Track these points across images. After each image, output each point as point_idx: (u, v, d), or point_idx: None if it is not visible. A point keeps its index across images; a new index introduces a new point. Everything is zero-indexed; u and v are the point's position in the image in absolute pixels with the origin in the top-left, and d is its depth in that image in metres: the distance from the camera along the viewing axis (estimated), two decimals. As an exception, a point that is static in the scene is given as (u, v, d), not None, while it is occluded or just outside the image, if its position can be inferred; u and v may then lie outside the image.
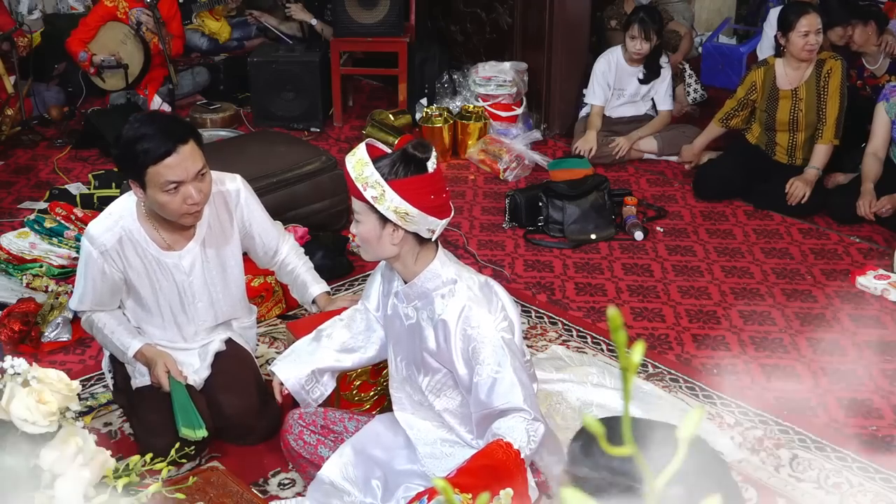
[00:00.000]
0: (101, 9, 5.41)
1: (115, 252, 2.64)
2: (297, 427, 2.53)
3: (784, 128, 4.52)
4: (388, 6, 5.34)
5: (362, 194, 2.15)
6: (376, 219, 2.19)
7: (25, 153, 5.17)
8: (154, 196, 2.51)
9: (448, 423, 2.38)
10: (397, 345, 2.41)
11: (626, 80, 5.08)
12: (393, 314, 2.39)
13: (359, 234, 2.24)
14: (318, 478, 2.43)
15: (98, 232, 2.64)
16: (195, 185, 2.51)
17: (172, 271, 2.71)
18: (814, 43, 4.34)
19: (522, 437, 2.15)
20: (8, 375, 1.63)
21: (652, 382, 3.13)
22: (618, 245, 4.18)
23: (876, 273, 3.81)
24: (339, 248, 3.96)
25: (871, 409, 3.05)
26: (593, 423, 0.68)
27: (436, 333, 2.26)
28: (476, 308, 2.20)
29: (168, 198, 2.50)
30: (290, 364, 2.56)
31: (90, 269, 2.66)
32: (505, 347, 2.19)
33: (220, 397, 2.78)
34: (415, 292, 2.29)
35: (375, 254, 2.27)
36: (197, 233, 2.71)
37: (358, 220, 2.23)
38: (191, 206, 2.53)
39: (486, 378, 2.19)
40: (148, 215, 2.65)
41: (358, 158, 2.16)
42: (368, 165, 2.14)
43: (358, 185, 2.15)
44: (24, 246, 3.84)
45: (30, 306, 3.41)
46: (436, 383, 2.33)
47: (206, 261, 2.75)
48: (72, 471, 1.62)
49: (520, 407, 2.17)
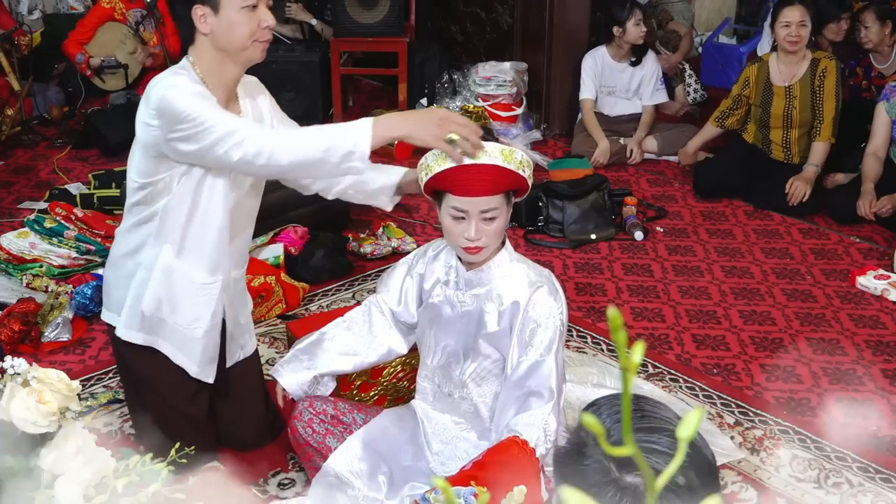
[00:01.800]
0: (99, 10, 5.41)
1: None
2: (306, 414, 2.51)
3: (778, 123, 4.53)
4: (388, 6, 5.34)
5: (522, 178, 2.20)
6: (507, 204, 2.25)
7: (25, 153, 5.17)
8: (227, 15, 2.28)
9: (478, 414, 2.41)
10: (442, 331, 2.41)
11: (614, 76, 5.11)
12: (441, 301, 2.41)
13: (494, 230, 2.23)
14: (324, 469, 2.43)
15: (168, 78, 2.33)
16: (268, 12, 2.34)
17: None
18: (795, 35, 4.35)
19: (539, 436, 2.20)
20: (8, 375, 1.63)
21: (652, 382, 3.13)
22: (618, 245, 4.18)
23: (876, 273, 3.81)
24: (339, 248, 3.96)
25: (871, 409, 3.05)
26: (593, 423, 0.68)
27: (500, 317, 2.31)
28: (545, 293, 2.28)
29: (243, 17, 2.29)
30: (291, 370, 2.56)
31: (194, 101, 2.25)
32: (557, 336, 2.27)
33: (232, 430, 2.75)
34: (479, 279, 2.34)
35: (494, 247, 2.29)
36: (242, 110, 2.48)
37: (494, 217, 2.21)
38: (263, 32, 2.32)
39: (531, 359, 2.26)
40: (206, 73, 2.37)
41: (500, 150, 2.17)
42: (514, 150, 2.20)
43: (519, 171, 2.18)
44: (24, 246, 3.83)
45: (30, 306, 3.40)
46: (482, 370, 2.37)
47: None
48: (72, 471, 1.62)
49: (550, 390, 2.25)
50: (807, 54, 4.47)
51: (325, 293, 3.75)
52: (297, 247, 3.81)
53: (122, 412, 2.97)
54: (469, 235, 2.21)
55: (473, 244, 2.23)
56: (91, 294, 3.51)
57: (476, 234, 2.21)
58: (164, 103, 2.26)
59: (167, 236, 2.44)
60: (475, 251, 2.24)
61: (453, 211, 2.22)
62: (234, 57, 2.36)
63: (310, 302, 3.69)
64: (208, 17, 2.30)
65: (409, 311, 2.53)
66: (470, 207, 2.19)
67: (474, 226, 2.20)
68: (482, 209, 2.19)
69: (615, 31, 5.01)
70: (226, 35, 2.31)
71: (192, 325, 2.52)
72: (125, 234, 2.54)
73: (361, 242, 4.04)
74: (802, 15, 4.34)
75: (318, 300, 3.70)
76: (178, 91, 2.26)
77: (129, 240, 2.52)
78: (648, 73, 5.11)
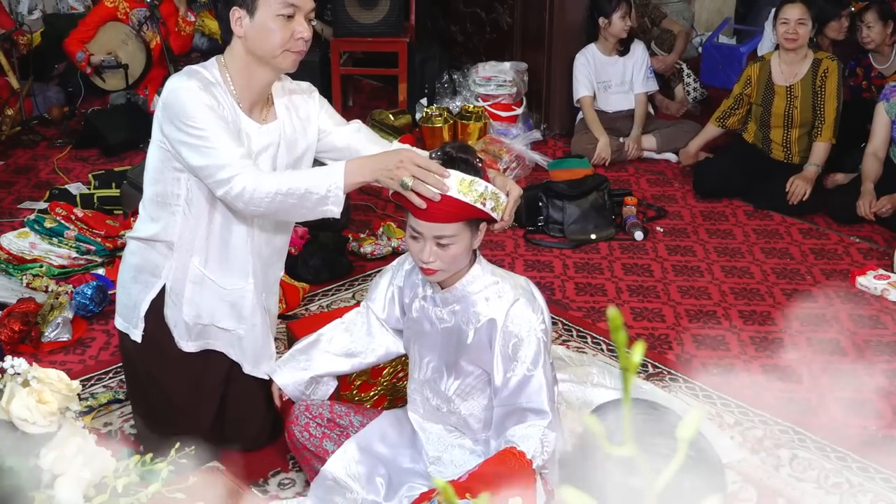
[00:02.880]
0: (101, 9, 5.40)
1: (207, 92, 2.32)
2: (303, 418, 2.51)
3: (779, 123, 4.54)
4: (388, 6, 5.34)
5: (481, 211, 2.13)
6: (470, 232, 2.19)
7: (25, 153, 5.17)
8: (263, 21, 2.29)
9: (468, 426, 2.39)
10: (425, 347, 2.40)
11: (608, 70, 5.12)
12: (420, 317, 2.39)
13: (449, 256, 2.19)
14: (322, 473, 2.43)
15: (180, 80, 2.33)
16: (305, 24, 2.33)
17: (246, 142, 2.39)
18: (793, 33, 4.37)
19: (536, 447, 2.18)
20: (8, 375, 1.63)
21: (652, 382, 3.13)
22: (618, 245, 4.18)
23: (876, 273, 3.81)
24: (339, 248, 3.96)
25: (871, 409, 3.05)
26: (593, 423, 0.68)
27: (478, 334, 2.26)
28: (521, 307, 2.23)
29: (278, 25, 2.29)
30: (289, 370, 2.56)
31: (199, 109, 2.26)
32: (542, 348, 2.23)
33: (234, 430, 2.74)
34: (454, 296, 2.30)
35: (453, 270, 2.25)
36: (278, 115, 2.48)
37: (447, 244, 2.17)
38: (296, 42, 2.32)
39: (519, 375, 2.22)
40: (233, 80, 2.39)
41: (460, 180, 2.12)
42: (476, 182, 2.13)
43: (476, 205, 2.13)
44: (24, 246, 3.83)
45: (30, 306, 3.40)
46: (465, 386, 2.34)
47: (281, 144, 2.47)
48: (72, 471, 1.62)
49: (543, 409, 2.21)
50: (808, 54, 4.48)
51: (325, 293, 3.76)
52: (297, 247, 3.81)
53: (122, 412, 2.97)
54: (422, 257, 2.20)
55: (426, 266, 2.21)
56: (91, 294, 3.51)
57: (428, 258, 2.18)
58: (172, 97, 2.30)
59: (192, 247, 2.48)
60: (430, 273, 2.23)
61: (411, 230, 2.22)
62: (263, 63, 2.37)
63: (310, 302, 3.69)
64: (244, 20, 2.32)
65: (395, 318, 2.53)
66: (424, 230, 2.18)
67: (428, 249, 2.18)
68: (436, 234, 2.16)
69: (601, 22, 5.03)
70: (258, 40, 2.32)
71: (235, 328, 2.59)
72: (143, 250, 2.54)
73: (361, 242, 4.04)
74: (801, 13, 4.35)
75: (318, 300, 3.71)
76: (189, 94, 2.28)
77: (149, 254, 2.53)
78: (638, 61, 5.15)
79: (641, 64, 5.15)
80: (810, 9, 4.36)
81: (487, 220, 2.22)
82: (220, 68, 2.39)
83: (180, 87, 2.29)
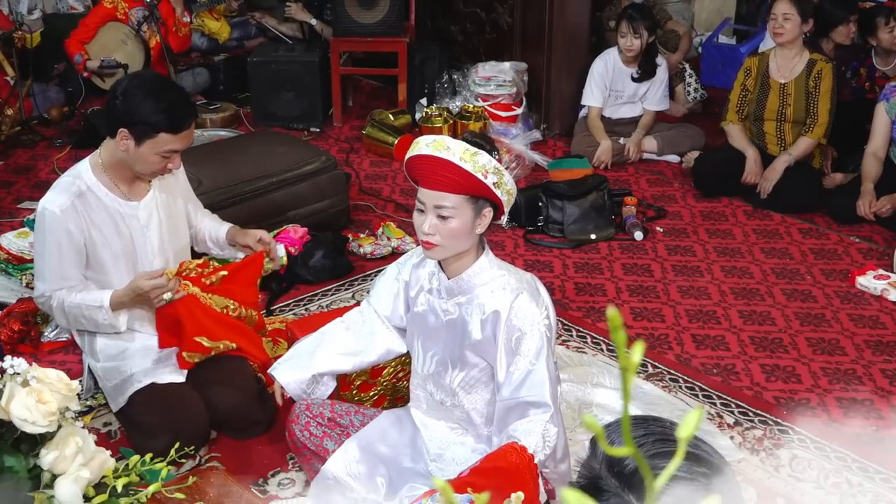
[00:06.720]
0: (101, 10, 5.40)
1: (75, 209, 2.64)
2: (303, 418, 2.52)
3: (772, 116, 4.55)
4: (388, 6, 5.34)
5: (482, 183, 2.14)
6: (472, 210, 2.20)
7: (25, 153, 5.17)
8: (145, 155, 2.60)
9: (471, 421, 2.40)
10: (429, 340, 2.41)
11: (623, 81, 5.07)
12: (426, 310, 2.40)
13: (448, 230, 2.20)
14: (322, 472, 2.43)
15: (54, 195, 2.65)
16: (178, 160, 2.69)
17: (131, 223, 2.74)
18: (780, 27, 4.41)
19: (538, 442, 2.18)
20: (8, 375, 1.63)
21: (652, 382, 3.13)
22: (617, 245, 4.18)
23: (876, 273, 3.81)
24: (339, 248, 3.96)
25: (871, 409, 3.05)
26: (593, 423, 0.68)
27: (483, 326, 2.28)
28: (524, 300, 2.25)
29: (157, 160, 2.61)
30: (290, 368, 2.57)
31: (51, 235, 2.65)
32: (545, 342, 2.24)
33: (217, 390, 2.78)
34: (460, 287, 2.32)
35: (453, 250, 2.26)
36: (151, 187, 2.79)
37: (448, 216, 2.19)
38: (167, 170, 2.68)
39: (522, 369, 2.23)
40: (105, 169, 2.70)
41: (464, 149, 2.14)
42: (479, 153, 2.15)
43: (476, 175, 2.14)
44: (24, 246, 3.83)
45: (30, 306, 3.40)
46: (469, 379, 2.35)
47: (160, 213, 2.81)
48: (71, 471, 1.62)
49: (546, 402, 2.22)
50: (804, 53, 4.48)
51: (324, 293, 3.76)
52: (297, 247, 3.81)
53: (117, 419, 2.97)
54: (423, 229, 2.21)
55: (427, 238, 2.22)
56: (91, 294, 3.51)
57: (429, 229, 2.20)
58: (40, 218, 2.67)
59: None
60: (429, 247, 2.24)
61: (417, 202, 2.25)
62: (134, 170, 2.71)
63: (310, 302, 3.69)
64: (129, 143, 2.59)
65: (399, 316, 2.53)
66: (427, 200, 2.21)
67: (429, 221, 2.20)
68: (436, 204, 2.18)
69: (618, 37, 5.02)
70: (135, 162, 2.64)
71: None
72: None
73: (361, 242, 4.04)
74: (787, 7, 4.38)
75: (318, 300, 3.71)
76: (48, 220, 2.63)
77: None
78: (658, 80, 5.09)
79: (660, 84, 5.09)
80: (797, 4, 4.37)
81: (491, 201, 2.22)
82: (94, 168, 2.69)
83: (46, 210, 2.63)
